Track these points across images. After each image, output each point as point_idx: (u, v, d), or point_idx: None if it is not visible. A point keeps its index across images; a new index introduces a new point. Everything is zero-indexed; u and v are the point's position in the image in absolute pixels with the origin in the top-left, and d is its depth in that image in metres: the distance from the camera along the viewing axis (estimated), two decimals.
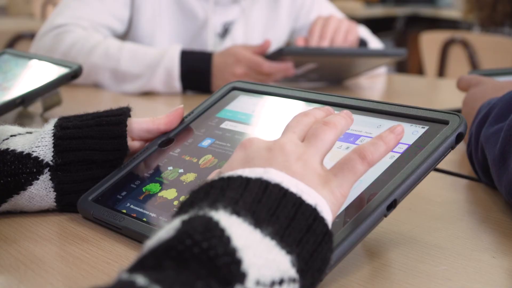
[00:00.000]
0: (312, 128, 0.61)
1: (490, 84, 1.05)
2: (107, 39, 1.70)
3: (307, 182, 0.55)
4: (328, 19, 1.75)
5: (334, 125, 0.61)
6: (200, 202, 0.51)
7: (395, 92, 1.85)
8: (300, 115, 0.63)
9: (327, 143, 0.59)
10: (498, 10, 3.17)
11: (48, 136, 0.80)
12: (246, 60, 1.59)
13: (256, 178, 0.53)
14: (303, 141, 0.60)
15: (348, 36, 1.74)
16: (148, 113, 1.47)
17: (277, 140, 0.59)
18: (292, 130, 0.61)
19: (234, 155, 0.59)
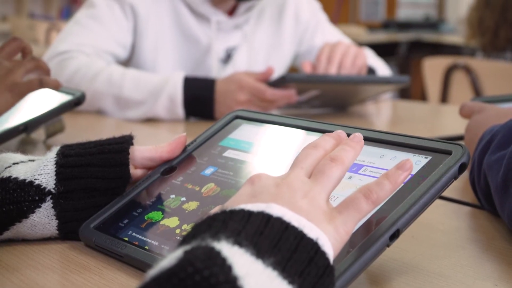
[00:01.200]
0: (319, 164, 0.62)
1: (492, 111, 1.05)
2: (110, 66, 1.70)
3: (312, 218, 0.55)
4: (336, 45, 1.75)
5: (342, 161, 0.61)
6: (202, 233, 0.51)
7: (398, 119, 1.85)
8: (309, 148, 0.64)
9: (333, 180, 0.60)
10: (500, 36, 3.18)
11: (51, 164, 0.80)
12: (249, 87, 1.59)
13: (258, 212, 0.53)
14: (310, 177, 0.61)
15: (356, 61, 1.74)
16: (150, 139, 1.47)
17: (285, 176, 0.60)
18: (300, 166, 0.62)
19: (242, 189, 0.59)
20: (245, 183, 0.60)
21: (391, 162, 0.69)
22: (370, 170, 0.69)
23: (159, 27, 1.88)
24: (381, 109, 1.93)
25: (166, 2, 1.88)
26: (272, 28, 2.02)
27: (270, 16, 2.02)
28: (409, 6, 7.97)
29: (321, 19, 2.10)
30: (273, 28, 2.02)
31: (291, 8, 2.04)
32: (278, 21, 2.03)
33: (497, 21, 3.19)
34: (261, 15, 2.00)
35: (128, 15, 1.83)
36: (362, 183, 0.68)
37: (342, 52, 1.73)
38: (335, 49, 1.74)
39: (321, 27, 2.08)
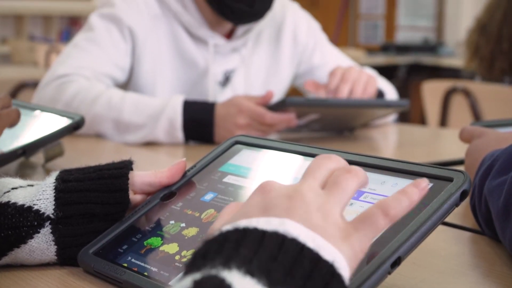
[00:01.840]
0: (334, 175, 0.59)
1: (493, 136, 1.05)
2: (110, 89, 1.71)
3: (327, 235, 0.53)
4: (348, 70, 1.75)
5: (356, 173, 0.59)
6: (213, 256, 0.49)
7: (397, 143, 1.85)
8: (322, 158, 0.62)
9: (349, 193, 0.58)
10: (496, 66, 3.18)
11: (50, 189, 0.79)
12: (248, 111, 1.59)
13: (272, 232, 0.51)
14: (324, 188, 0.58)
15: (368, 88, 1.74)
16: (150, 164, 1.47)
17: (297, 186, 0.57)
18: (313, 176, 0.59)
19: (252, 198, 0.57)
20: (256, 191, 0.58)
21: (392, 189, 0.68)
22: (371, 196, 0.69)
23: (157, 49, 1.88)
24: (381, 133, 1.93)
25: (164, 25, 1.89)
26: (270, 50, 2.02)
27: (268, 38, 2.02)
28: (408, 29, 8.01)
29: (320, 39, 2.10)
30: (271, 50, 2.02)
31: (289, 29, 2.04)
32: (276, 43, 2.03)
33: (492, 51, 3.19)
34: (259, 38, 2.00)
35: (126, 37, 1.84)
36: (363, 210, 0.67)
37: (354, 78, 1.73)
38: (347, 73, 1.73)
39: (319, 47, 2.08)
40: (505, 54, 3.12)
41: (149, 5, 1.87)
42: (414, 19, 7.99)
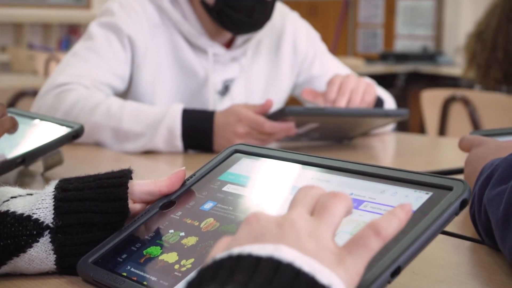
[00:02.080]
0: (321, 200, 0.59)
1: (492, 145, 1.05)
2: (109, 98, 1.71)
3: (321, 260, 0.52)
4: (346, 78, 1.75)
5: (343, 197, 0.59)
6: (207, 283, 0.49)
7: (397, 151, 1.85)
8: (307, 187, 0.61)
9: (338, 217, 0.57)
10: (491, 75, 3.18)
11: (49, 198, 0.80)
12: (247, 120, 1.59)
13: (267, 257, 0.50)
14: (312, 215, 0.58)
15: (366, 96, 1.73)
16: (149, 172, 1.47)
17: (286, 215, 0.57)
18: (300, 204, 0.59)
19: (241, 231, 0.56)
20: (244, 223, 0.57)
21: (392, 198, 0.68)
22: (371, 205, 0.69)
23: (157, 58, 1.88)
24: (380, 142, 1.93)
25: (164, 34, 1.89)
26: (269, 59, 2.02)
27: (267, 48, 2.02)
28: (407, 38, 8.02)
29: (320, 49, 2.10)
30: (270, 59, 2.02)
31: (289, 39, 2.04)
32: (276, 52, 2.03)
33: (487, 60, 3.19)
34: (258, 47, 2.00)
35: (126, 47, 1.84)
36: (362, 219, 0.67)
37: (353, 87, 1.73)
38: (345, 82, 1.73)
39: (319, 57, 2.08)
40: (499, 63, 3.12)
41: (148, 14, 1.88)
42: (413, 28, 8.00)
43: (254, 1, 1.80)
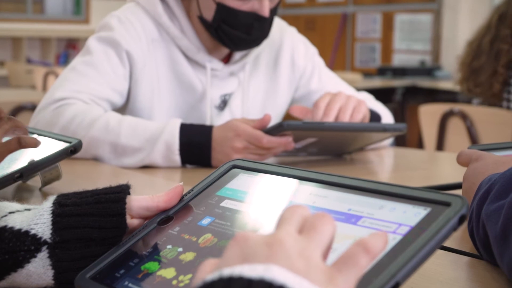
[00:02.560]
0: (309, 219, 0.58)
1: (490, 160, 1.05)
2: (107, 113, 1.71)
3: (312, 279, 0.52)
4: (336, 95, 1.74)
5: (330, 218, 0.58)
6: None
7: (395, 166, 1.85)
8: (294, 206, 0.60)
9: (327, 236, 0.57)
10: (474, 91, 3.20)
11: (47, 213, 0.80)
12: (245, 134, 1.60)
13: (258, 279, 0.49)
14: (301, 234, 0.57)
15: (355, 114, 1.73)
16: (147, 187, 1.47)
17: (274, 234, 0.56)
18: (288, 222, 0.58)
19: (229, 251, 0.55)
20: (231, 244, 0.55)
21: (390, 214, 0.68)
22: (369, 221, 0.69)
23: (155, 73, 1.88)
24: (378, 157, 1.93)
25: (162, 49, 1.90)
26: (268, 74, 2.03)
27: (265, 63, 2.03)
28: (405, 52, 8.03)
29: (318, 64, 2.10)
30: (269, 74, 2.03)
31: (287, 54, 2.05)
32: (274, 67, 2.03)
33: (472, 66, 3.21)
34: (256, 62, 2.01)
35: (124, 61, 1.84)
36: (361, 235, 0.67)
37: (341, 104, 1.72)
38: (334, 100, 1.73)
39: (317, 72, 2.08)
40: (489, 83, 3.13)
41: (147, 29, 1.88)
42: (411, 43, 8.02)
43: (252, 18, 1.80)
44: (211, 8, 1.83)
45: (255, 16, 1.80)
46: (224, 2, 1.80)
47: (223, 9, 1.81)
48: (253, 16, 1.80)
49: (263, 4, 1.79)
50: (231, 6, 1.80)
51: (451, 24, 7.53)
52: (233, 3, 1.79)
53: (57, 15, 10.16)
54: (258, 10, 1.80)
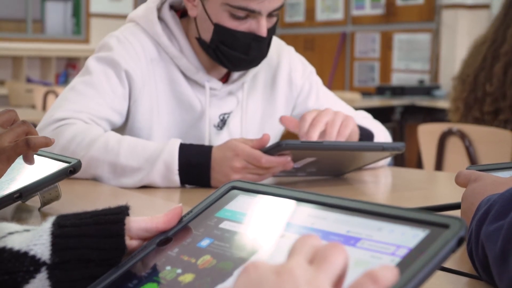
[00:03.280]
0: (321, 250, 0.58)
1: (489, 180, 1.06)
2: (107, 133, 1.71)
3: None
4: (322, 111, 1.74)
5: (342, 248, 0.58)
6: None
7: (393, 186, 1.85)
8: (306, 236, 0.61)
9: (337, 267, 0.57)
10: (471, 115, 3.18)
11: (46, 234, 0.79)
12: (244, 154, 1.60)
13: None
14: (311, 264, 0.57)
15: (342, 129, 1.73)
16: (146, 208, 1.46)
17: (285, 264, 0.56)
18: (299, 253, 0.58)
19: (239, 280, 0.55)
20: (241, 274, 0.56)
21: (389, 235, 0.68)
22: (368, 243, 0.69)
23: (154, 93, 1.89)
24: (377, 176, 1.93)
25: (161, 68, 1.90)
26: (265, 93, 2.03)
27: (263, 82, 2.03)
28: (403, 71, 8.05)
29: (315, 82, 2.10)
30: (266, 93, 2.03)
31: (284, 73, 2.05)
32: (272, 86, 2.04)
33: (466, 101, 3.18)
34: (254, 81, 2.01)
35: (123, 81, 1.85)
36: (359, 256, 0.67)
37: (328, 119, 1.72)
38: (321, 114, 1.73)
39: (315, 90, 2.08)
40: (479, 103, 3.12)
41: (146, 49, 1.89)
42: (409, 62, 8.04)
43: (250, 39, 1.81)
44: (209, 29, 1.84)
45: (253, 36, 1.81)
46: (222, 23, 1.81)
47: (220, 30, 1.81)
48: (251, 36, 1.81)
49: (260, 24, 1.80)
50: (228, 26, 1.80)
51: (449, 43, 7.56)
52: (231, 23, 1.80)
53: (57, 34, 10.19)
54: (255, 30, 1.80)
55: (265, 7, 1.78)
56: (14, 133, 1.16)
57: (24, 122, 1.19)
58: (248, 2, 1.76)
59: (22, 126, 1.18)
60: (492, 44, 3.06)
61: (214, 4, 1.80)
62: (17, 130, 1.17)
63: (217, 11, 1.81)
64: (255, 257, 0.72)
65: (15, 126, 1.18)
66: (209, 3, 1.81)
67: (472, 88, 3.11)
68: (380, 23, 8.34)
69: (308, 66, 2.12)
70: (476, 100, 3.11)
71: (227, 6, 1.78)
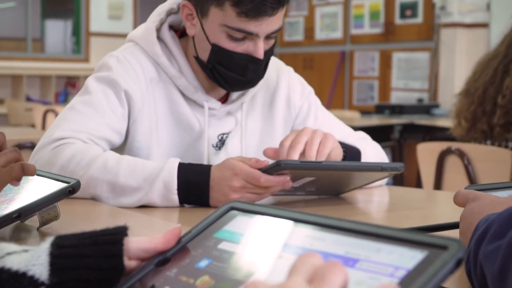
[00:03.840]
0: (320, 269, 0.59)
1: (487, 200, 1.06)
2: (106, 152, 1.71)
3: None
4: (301, 131, 1.74)
5: (341, 267, 0.59)
6: None
7: (392, 206, 1.85)
8: (306, 255, 0.61)
9: (337, 286, 0.57)
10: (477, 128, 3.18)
11: (44, 254, 0.80)
12: (243, 174, 1.60)
13: None
14: (311, 284, 0.58)
15: (321, 148, 1.71)
16: (145, 227, 1.46)
17: (284, 283, 0.57)
18: (299, 272, 0.59)
19: None
20: None
21: (387, 257, 0.68)
22: (367, 264, 0.69)
23: (153, 113, 1.89)
24: (376, 196, 1.93)
25: (160, 88, 1.91)
26: (264, 114, 2.04)
27: (262, 102, 2.04)
28: (402, 90, 8.07)
29: (314, 103, 2.11)
30: (265, 114, 2.04)
31: (283, 93, 2.06)
32: (270, 106, 2.04)
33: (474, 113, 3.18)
34: (253, 101, 2.02)
35: (123, 101, 1.85)
36: (358, 277, 0.67)
37: (307, 140, 1.71)
38: (299, 136, 1.72)
39: (313, 111, 2.09)
40: (486, 116, 3.12)
41: (145, 69, 1.89)
42: (408, 81, 8.07)
43: (247, 60, 1.82)
44: (206, 49, 1.84)
45: (249, 58, 1.82)
46: (219, 44, 1.81)
47: (218, 50, 1.82)
48: (248, 58, 1.82)
49: (258, 46, 1.81)
50: (225, 47, 1.81)
51: (448, 62, 7.59)
52: (228, 44, 1.81)
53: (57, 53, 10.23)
54: (253, 52, 1.81)
55: (263, 29, 1.79)
56: (6, 158, 1.17)
57: (15, 149, 1.20)
58: (246, 24, 1.77)
59: (13, 153, 1.19)
60: (503, 58, 3.08)
61: (212, 25, 1.81)
62: (9, 155, 1.18)
63: (215, 31, 1.81)
64: (254, 278, 0.72)
65: (7, 152, 1.18)
66: (207, 23, 1.82)
67: (480, 101, 3.12)
68: (379, 42, 8.38)
69: (306, 86, 2.12)
70: (484, 113, 3.11)
71: (225, 27, 1.79)
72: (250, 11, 1.75)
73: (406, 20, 8.11)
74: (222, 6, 1.77)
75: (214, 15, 1.80)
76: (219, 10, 1.79)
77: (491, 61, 3.16)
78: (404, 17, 8.14)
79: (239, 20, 1.77)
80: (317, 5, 9.16)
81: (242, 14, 1.76)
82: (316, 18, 9.14)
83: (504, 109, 3.01)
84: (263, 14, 1.76)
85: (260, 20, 1.77)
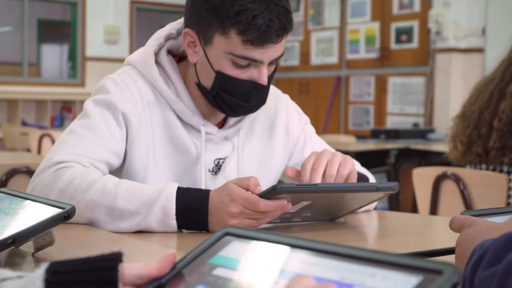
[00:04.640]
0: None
1: (483, 226, 1.06)
2: (105, 176, 1.71)
3: None
4: (322, 153, 1.77)
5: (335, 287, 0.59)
6: None
7: (388, 231, 1.85)
8: (299, 277, 0.61)
9: None
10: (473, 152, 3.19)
11: (39, 280, 0.79)
12: (241, 199, 1.59)
13: None
14: None
15: (341, 169, 1.75)
16: (141, 253, 1.46)
17: None
18: None
19: None
20: None
21: (382, 282, 0.68)
22: None
23: (151, 136, 1.90)
24: (371, 221, 1.93)
25: (158, 112, 1.91)
26: (262, 141, 2.04)
27: (260, 129, 2.04)
28: (398, 115, 8.09)
29: (310, 132, 2.13)
30: (263, 140, 2.04)
31: (282, 121, 2.07)
32: (269, 134, 2.05)
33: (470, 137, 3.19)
34: (251, 127, 2.02)
35: (121, 123, 1.85)
36: None
37: (328, 161, 1.75)
38: (320, 158, 1.75)
39: (310, 140, 2.11)
40: (482, 139, 3.13)
41: (142, 92, 1.90)
42: (404, 106, 8.09)
43: (251, 87, 1.83)
44: (210, 76, 1.85)
45: (253, 84, 1.83)
46: (224, 71, 1.82)
47: (222, 78, 1.83)
48: (252, 84, 1.83)
49: (262, 72, 1.82)
50: (230, 74, 1.82)
51: (443, 87, 7.61)
52: (233, 72, 1.82)
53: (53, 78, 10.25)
54: (257, 79, 1.82)
55: (267, 56, 1.80)
56: None
57: None
58: (251, 52, 1.78)
59: None
60: (500, 82, 3.10)
61: (216, 52, 1.82)
62: None
63: (219, 59, 1.82)
64: None
65: None
66: (211, 51, 1.83)
67: (476, 124, 3.14)
68: (374, 66, 8.41)
69: (303, 116, 2.14)
70: (479, 136, 3.12)
71: (230, 55, 1.80)
72: (256, 39, 1.76)
73: (401, 45, 8.15)
74: (227, 34, 1.78)
75: (219, 43, 1.81)
76: (224, 38, 1.79)
77: (488, 85, 3.17)
78: (399, 42, 8.18)
79: (245, 48, 1.78)
80: (312, 30, 9.21)
81: (248, 42, 1.76)
82: (312, 43, 9.18)
83: (500, 132, 3.02)
84: (268, 42, 1.77)
85: (265, 47, 1.78)
